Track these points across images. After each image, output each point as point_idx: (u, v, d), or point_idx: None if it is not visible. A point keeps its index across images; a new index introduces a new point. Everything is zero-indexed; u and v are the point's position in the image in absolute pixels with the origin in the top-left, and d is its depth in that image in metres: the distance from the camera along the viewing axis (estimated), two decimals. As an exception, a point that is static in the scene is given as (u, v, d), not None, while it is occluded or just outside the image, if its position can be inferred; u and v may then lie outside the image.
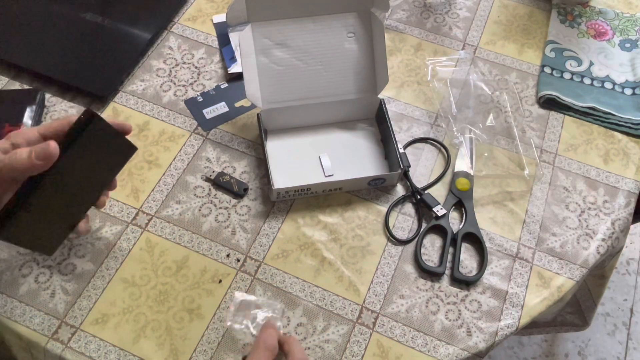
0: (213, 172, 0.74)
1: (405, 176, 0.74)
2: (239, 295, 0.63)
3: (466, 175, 0.74)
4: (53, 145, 0.51)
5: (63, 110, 0.79)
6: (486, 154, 0.77)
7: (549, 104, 0.83)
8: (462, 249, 0.69)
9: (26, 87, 0.81)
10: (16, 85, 0.81)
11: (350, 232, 0.70)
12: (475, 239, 0.70)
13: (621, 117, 0.81)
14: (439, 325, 0.64)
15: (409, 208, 0.73)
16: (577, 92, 0.83)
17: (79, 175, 0.58)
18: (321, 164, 0.75)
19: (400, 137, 0.78)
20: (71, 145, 0.53)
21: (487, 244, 0.70)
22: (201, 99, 0.81)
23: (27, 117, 0.75)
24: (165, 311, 0.64)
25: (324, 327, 0.64)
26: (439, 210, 0.71)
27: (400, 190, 0.74)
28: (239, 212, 0.71)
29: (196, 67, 0.84)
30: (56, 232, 0.61)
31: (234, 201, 0.72)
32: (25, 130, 0.56)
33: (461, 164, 0.76)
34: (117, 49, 0.84)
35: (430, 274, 0.68)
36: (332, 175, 0.74)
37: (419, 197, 0.72)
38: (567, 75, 0.85)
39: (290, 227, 0.70)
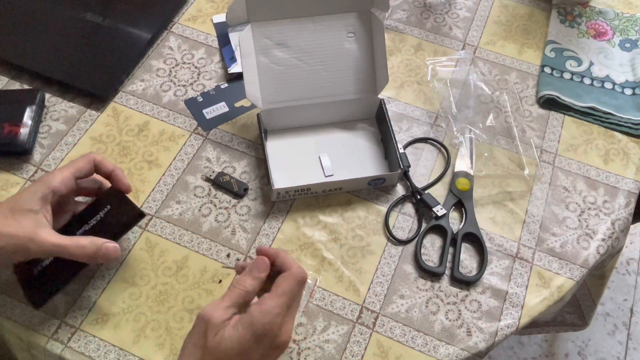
0: (213, 172, 0.74)
1: (405, 176, 0.74)
2: None
3: (466, 175, 0.74)
4: (118, 252, 0.58)
5: (63, 110, 0.79)
6: (486, 154, 0.77)
7: (549, 104, 0.83)
8: (462, 249, 0.69)
9: (26, 87, 0.81)
10: (16, 85, 0.81)
11: (350, 232, 0.70)
12: (475, 239, 0.70)
13: (621, 117, 0.81)
14: (439, 325, 0.64)
15: (409, 208, 0.73)
16: (577, 92, 0.83)
17: None
18: (321, 164, 0.75)
19: (400, 137, 0.78)
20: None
21: (487, 244, 0.70)
22: (201, 99, 0.81)
23: (27, 117, 0.75)
24: (165, 311, 0.64)
25: (324, 327, 0.64)
26: (439, 210, 0.71)
27: (400, 190, 0.74)
28: (239, 212, 0.71)
29: (196, 67, 0.84)
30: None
31: (234, 201, 0.72)
32: (58, 172, 0.59)
33: (461, 164, 0.76)
34: (117, 49, 0.84)
35: (430, 274, 0.68)
36: (332, 175, 0.74)
37: (419, 197, 0.72)
38: (567, 75, 0.85)
39: (290, 227, 0.70)
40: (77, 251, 0.56)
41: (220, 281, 0.66)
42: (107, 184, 0.65)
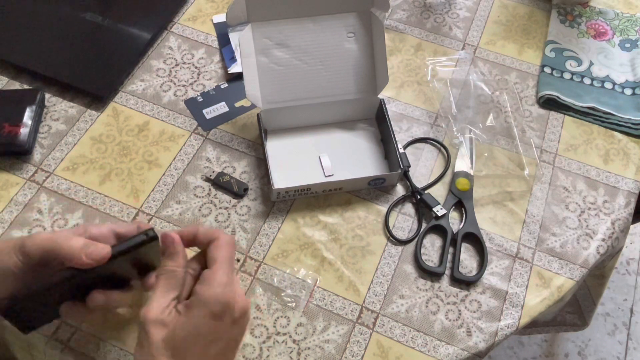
0: (213, 172, 0.74)
1: (405, 176, 0.74)
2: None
3: (466, 175, 0.74)
4: (107, 251, 0.50)
5: (63, 110, 0.79)
6: (486, 154, 0.77)
7: (549, 104, 0.83)
8: (462, 249, 0.69)
9: (26, 87, 0.81)
10: (16, 85, 0.81)
11: (350, 232, 0.70)
12: (475, 239, 0.70)
13: (621, 117, 0.81)
14: (439, 325, 0.64)
15: (409, 208, 0.73)
16: (577, 92, 0.83)
17: (106, 275, 0.54)
18: (321, 164, 0.75)
19: (400, 137, 0.78)
20: (121, 255, 0.52)
21: (487, 244, 0.70)
22: (201, 99, 0.81)
23: (27, 117, 0.75)
24: (165, 311, 0.64)
25: (324, 327, 0.64)
26: (439, 210, 0.71)
27: (400, 190, 0.74)
28: (239, 212, 0.71)
29: (196, 67, 0.84)
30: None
31: (234, 201, 0.72)
32: (100, 225, 0.56)
33: (461, 164, 0.76)
34: (117, 49, 0.84)
35: (430, 274, 0.68)
36: (332, 175, 0.74)
37: (419, 197, 0.72)
38: (567, 75, 0.85)
39: (290, 227, 0.70)
40: (65, 243, 0.50)
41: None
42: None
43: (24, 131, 0.74)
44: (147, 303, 0.49)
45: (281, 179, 0.72)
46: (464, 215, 0.72)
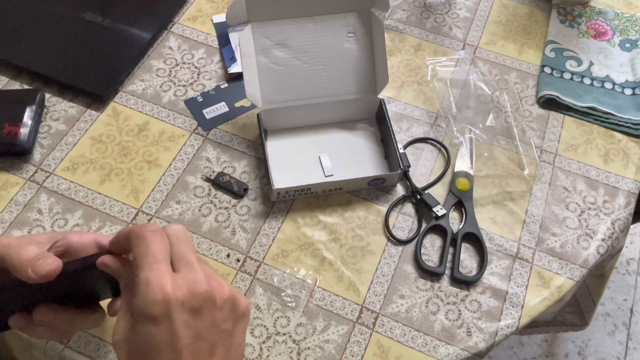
0: (213, 172, 0.74)
1: (405, 176, 0.74)
2: None
3: (466, 175, 0.74)
4: (54, 267, 0.45)
5: (63, 110, 0.79)
6: (486, 154, 0.77)
7: (549, 104, 0.83)
8: (462, 249, 0.69)
9: (26, 87, 0.81)
10: (16, 85, 0.81)
11: (350, 232, 0.70)
12: (475, 239, 0.70)
13: (621, 117, 0.81)
14: (439, 325, 0.64)
15: (409, 208, 0.73)
16: (577, 92, 0.83)
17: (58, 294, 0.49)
18: (321, 164, 0.75)
19: (400, 137, 0.78)
20: (75, 273, 0.47)
21: (487, 244, 0.70)
22: (201, 99, 0.81)
23: (27, 117, 0.75)
24: (165, 311, 0.64)
25: (324, 327, 0.64)
26: (439, 210, 0.71)
27: (400, 190, 0.74)
28: (239, 212, 0.71)
29: (196, 67, 0.84)
30: None
31: (234, 201, 0.72)
32: (84, 233, 0.52)
33: (461, 164, 0.76)
34: (117, 49, 0.84)
35: (430, 274, 0.68)
36: (332, 175, 0.74)
37: (419, 197, 0.72)
38: (567, 75, 0.85)
39: (290, 227, 0.70)
40: (15, 252, 0.45)
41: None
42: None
43: (24, 131, 0.74)
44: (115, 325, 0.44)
45: (281, 179, 0.72)
46: (464, 215, 0.72)
